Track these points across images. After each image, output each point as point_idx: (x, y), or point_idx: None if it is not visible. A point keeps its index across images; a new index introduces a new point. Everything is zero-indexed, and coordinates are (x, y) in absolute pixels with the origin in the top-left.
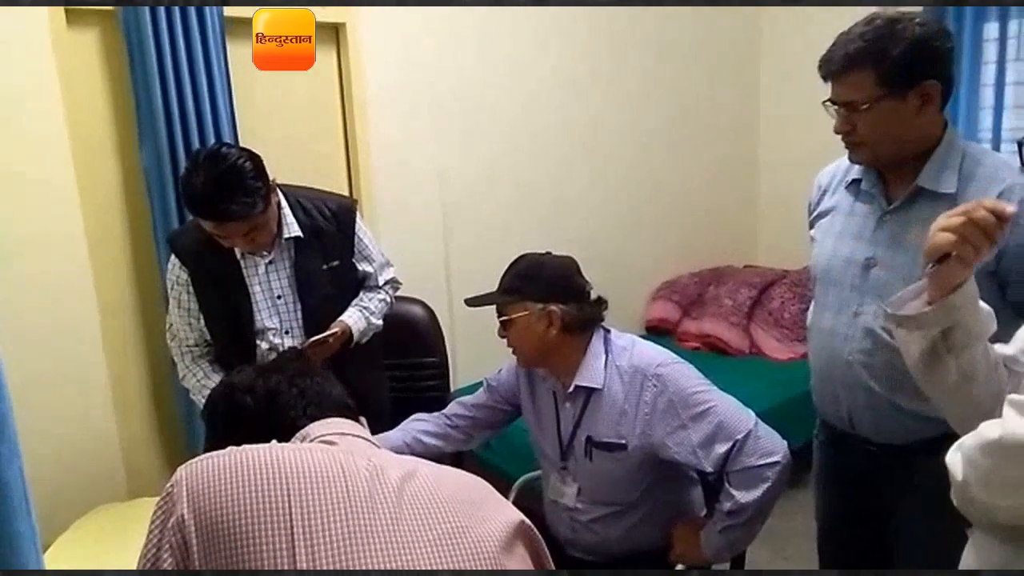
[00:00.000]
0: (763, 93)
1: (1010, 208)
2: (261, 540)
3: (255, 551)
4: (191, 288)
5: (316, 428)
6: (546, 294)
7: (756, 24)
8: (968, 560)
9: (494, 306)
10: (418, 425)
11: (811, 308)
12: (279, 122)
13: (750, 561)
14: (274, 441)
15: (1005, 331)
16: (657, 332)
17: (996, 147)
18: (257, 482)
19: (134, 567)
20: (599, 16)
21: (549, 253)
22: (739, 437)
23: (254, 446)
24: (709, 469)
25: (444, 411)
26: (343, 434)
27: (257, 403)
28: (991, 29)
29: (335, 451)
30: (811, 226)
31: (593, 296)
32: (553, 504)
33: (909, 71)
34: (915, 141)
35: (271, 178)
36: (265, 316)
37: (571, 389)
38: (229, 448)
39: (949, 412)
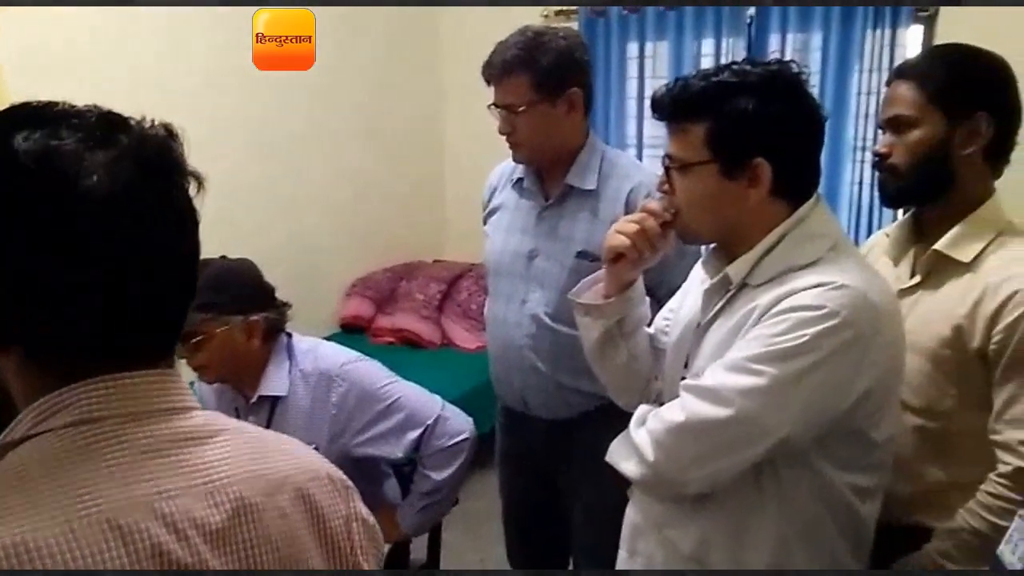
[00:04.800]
0: (448, 91)
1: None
2: None
3: None
4: None
5: None
6: (244, 304)
7: (434, 22)
8: (632, 518)
9: None
10: None
11: (487, 299)
12: None
13: (446, 542)
14: None
15: None
16: (352, 329)
17: (639, 151)
18: None
19: None
20: None
21: (225, 257)
22: (429, 422)
23: None
24: (400, 455)
25: None
26: None
27: None
28: (632, 48)
29: None
30: (485, 222)
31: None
32: None
33: (557, 79)
34: (565, 143)
35: None
36: None
37: (254, 400)
38: None
39: (616, 387)
